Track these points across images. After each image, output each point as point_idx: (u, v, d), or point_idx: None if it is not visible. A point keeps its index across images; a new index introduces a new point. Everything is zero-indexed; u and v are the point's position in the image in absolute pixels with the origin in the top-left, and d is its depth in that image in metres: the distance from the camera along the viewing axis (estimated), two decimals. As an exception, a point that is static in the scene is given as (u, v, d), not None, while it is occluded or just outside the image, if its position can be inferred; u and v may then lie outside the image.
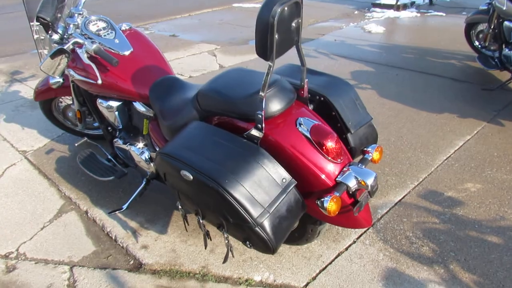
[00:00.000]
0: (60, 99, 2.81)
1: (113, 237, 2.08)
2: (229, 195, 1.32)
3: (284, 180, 1.41)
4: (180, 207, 1.69)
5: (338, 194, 1.42)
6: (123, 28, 2.20)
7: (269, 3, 1.28)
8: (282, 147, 1.49)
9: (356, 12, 7.32)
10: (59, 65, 1.84)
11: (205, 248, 1.83)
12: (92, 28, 2.04)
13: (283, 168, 1.42)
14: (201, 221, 1.57)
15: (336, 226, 2.04)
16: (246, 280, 1.78)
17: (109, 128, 2.33)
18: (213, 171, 1.36)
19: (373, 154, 1.59)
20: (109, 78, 2.02)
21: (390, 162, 2.64)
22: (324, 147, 1.46)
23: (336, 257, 1.90)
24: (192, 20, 7.19)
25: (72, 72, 2.12)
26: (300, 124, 1.51)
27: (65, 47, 1.85)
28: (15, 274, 1.87)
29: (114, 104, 2.12)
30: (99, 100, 2.16)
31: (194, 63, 4.75)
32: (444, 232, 2.02)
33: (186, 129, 1.59)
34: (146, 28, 6.62)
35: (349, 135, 1.69)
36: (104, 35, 2.04)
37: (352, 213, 1.52)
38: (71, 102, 2.76)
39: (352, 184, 1.45)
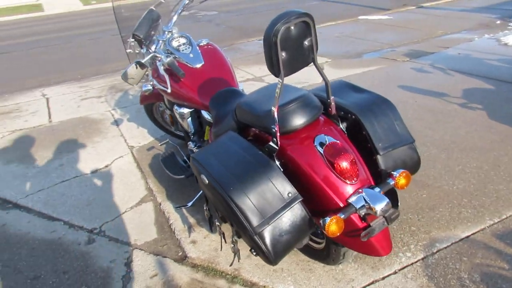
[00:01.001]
0: (160, 104, 3.23)
1: (173, 229, 2.32)
2: (232, 201, 1.40)
3: (289, 195, 1.43)
4: (205, 209, 1.83)
5: (342, 216, 1.38)
6: (202, 43, 2.45)
7: (273, 22, 1.34)
8: (296, 163, 1.51)
9: (498, 22, 6.51)
10: (136, 75, 2.16)
11: (221, 250, 1.94)
12: (174, 43, 2.34)
13: (289, 183, 1.44)
14: (217, 223, 1.68)
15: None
16: (271, 289, 1.83)
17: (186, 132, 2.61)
18: (222, 177, 1.46)
19: (397, 179, 1.48)
20: (179, 88, 2.27)
21: (472, 192, 2.34)
22: (336, 166, 1.44)
23: (368, 285, 1.80)
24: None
25: (154, 82, 2.45)
26: (318, 141, 1.51)
27: (143, 61, 2.16)
28: (92, 246, 2.25)
29: (185, 111, 2.38)
30: (174, 107, 2.45)
31: (300, 75, 4.84)
32: (509, 281, 1.74)
33: (220, 137, 1.72)
34: (268, 41, 6.97)
35: (378, 157, 1.60)
36: (182, 50, 2.31)
37: (370, 239, 1.46)
38: (166, 107, 3.15)
39: (360, 207, 1.40)
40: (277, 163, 1.55)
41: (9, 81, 6.01)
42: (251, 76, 5.03)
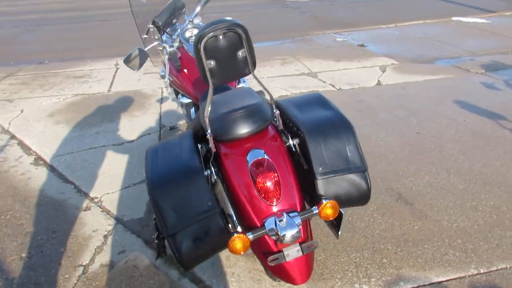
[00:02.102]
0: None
1: (158, 211, 2.44)
2: (153, 199, 1.44)
3: (208, 204, 1.42)
4: None
5: (250, 236, 1.34)
6: (214, 36, 2.47)
7: (201, 29, 1.31)
8: (226, 173, 1.49)
9: None
10: (136, 60, 2.27)
11: (155, 260, 1.97)
12: (187, 34, 2.40)
13: (210, 193, 1.42)
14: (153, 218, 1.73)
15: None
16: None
17: None
18: (153, 173, 1.50)
19: (321, 207, 1.38)
20: (180, 78, 2.34)
21: (472, 234, 2.09)
22: (257, 184, 1.39)
23: (305, 308, 1.73)
24: (393, 31, 6.86)
25: (163, 68, 2.55)
26: (252, 155, 1.47)
27: (144, 49, 2.26)
28: (85, 213, 2.46)
29: (185, 101, 2.44)
30: (179, 95, 2.53)
31: (356, 76, 4.63)
32: None
33: (176, 135, 1.75)
34: (343, 35, 6.73)
35: (316, 181, 1.50)
36: (190, 41, 2.37)
37: (284, 265, 1.40)
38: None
39: (270, 231, 1.34)
40: (213, 170, 1.54)
41: (98, 48, 6.62)
42: (306, 71, 4.93)
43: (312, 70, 4.95)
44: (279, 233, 1.31)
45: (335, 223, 1.65)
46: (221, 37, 1.31)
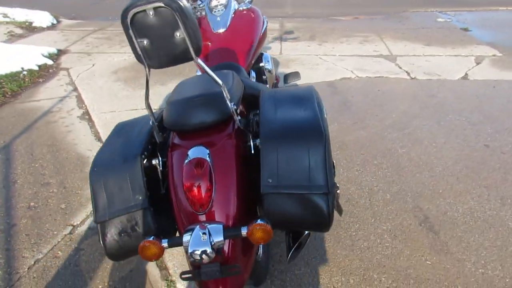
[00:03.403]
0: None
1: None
2: (90, 183, 1.35)
3: (138, 198, 1.29)
4: None
5: (165, 244, 1.18)
6: (241, 8, 2.24)
7: (128, 3, 1.12)
8: (168, 165, 1.33)
9: None
10: None
11: None
12: (213, 3, 2.23)
13: (143, 187, 1.28)
14: None
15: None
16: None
17: None
18: (99, 155, 1.40)
19: (251, 228, 1.15)
20: None
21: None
22: (184, 186, 1.21)
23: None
24: (509, 15, 5.77)
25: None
26: (193, 152, 1.28)
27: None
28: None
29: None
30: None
31: (442, 65, 4.00)
32: None
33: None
34: (448, 15, 5.88)
35: (262, 195, 1.25)
36: (214, 12, 2.19)
37: (206, 283, 1.23)
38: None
39: (186, 242, 1.16)
40: (160, 160, 1.39)
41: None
42: (386, 53, 4.40)
43: (392, 53, 4.40)
44: (188, 246, 1.13)
45: (290, 243, 1.41)
46: (151, 12, 1.11)
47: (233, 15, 2.18)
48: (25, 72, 3.97)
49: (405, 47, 4.58)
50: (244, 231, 1.16)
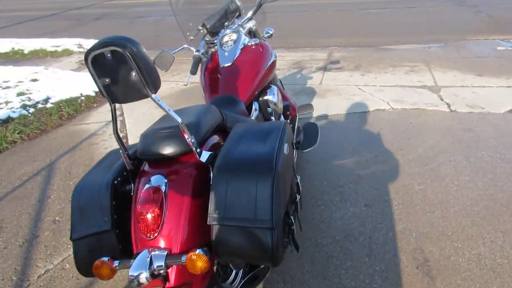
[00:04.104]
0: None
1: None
2: (71, 205, 1.49)
3: (105, 221, 1.40)
4: None
5: (115, 264, 1.28)
6: (250, 43, 2.35)
7: (89, 48, 1.25)
8: (134, 192, 1.44)
9: None
10: (162, 62, 2.32)
11: None
12: (225, 38, 2.37)
13: (110, 212, 1.39)
14: None
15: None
16: None
17: None
18: (83, 177, 1.55)
19: (189, 257, 1.20)
20: (202, 80, 2.30)
21: None
22: (136, 212, 1.31)
23: None
24: None
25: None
26: (155, 180, 1.38)
27: (170, 52, 2.30)
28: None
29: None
30: None
31: (489, 97, 3.76)
32: None
33: None
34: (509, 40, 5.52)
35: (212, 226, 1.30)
36: (224, 47, 2.33)
37: None
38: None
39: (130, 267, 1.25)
40: (132, 186, 1.50)
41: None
42: (430, 83, 4.24)
43: (437, 83, 4.22)
44: (131, 272, 1.21)
45: (245, 273, 1.43)
46: (109, 55, 1.24)
47: (241, 50, 2.29)
48: (82, 98, 4.42)
49: (453, 77, 4.37)
50: (183, 258, 1.22)
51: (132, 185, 1.50)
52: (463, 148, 2.89)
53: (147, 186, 1.35)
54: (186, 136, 1.36)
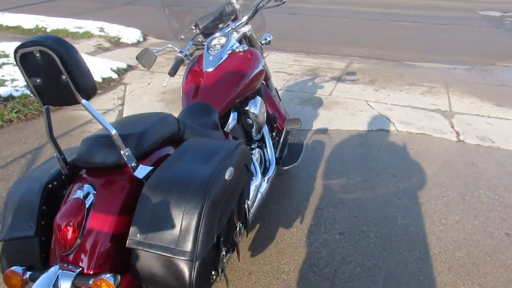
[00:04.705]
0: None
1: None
2: (4, 204, 1.43)
3: (31, 226, 1.32)
4: None
5: (26, 276, 1.20)
6: (238, 49, 2.23)
7: (18, 45, 1.17)
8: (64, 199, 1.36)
9: None
10: (145, 60, 2.24)
11: None
12: (213, 42, 2.27)
13: (37, 217, 1.31)
14: None
15: None
16: None
17: None
18: (16, 181, 1.47)
19: (95, 281, 1.11)
20: (184, 82, 2.21)
21: None
22: (54, 223, 1.22)
23: None
24: None
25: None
26: (85, 190, 1.29)
27: (152, 49, 2.21)
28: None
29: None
30: None
31: (504, 130, 3.52)
32: None
33: None
34: (538, 73, 5.18)
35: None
36: (211, 50, 2.23)
37: None
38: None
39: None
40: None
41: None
42: (445, 108, 4.02)
43: (452, 109, 4.00)
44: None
45: None
46: (38, 55, 1.15)
47: (227, 56, 2.18)
48: (88, 83, 4.40)
49: (470, 104, 4.13)
50: (91, 281, 1.13)
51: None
52: (461, 183, 2.69)
53: (72, 196, 1.26)
54: (121, 147, 1.26)
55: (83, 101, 1.19)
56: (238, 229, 1.41)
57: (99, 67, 4.75)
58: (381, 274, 1.95)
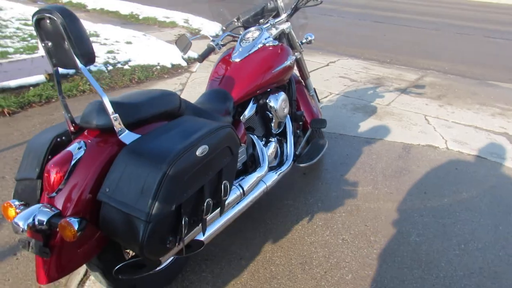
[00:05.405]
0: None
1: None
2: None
3: (35, 170, 1.51)
4: None
5: (19, 209, 1.39)
6: (270, 43, 2.29)
7: (38, 9, 1.35)
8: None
9: None
10: (182, 46, 2.39)
11: None
12: (247, 35, 2.37)
13: (41, 163, 1.50)
14: None
15: None
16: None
17: None
18: (37, 133, 1.69)
19: (59, 223, 1.25)
20: (212, 70, 2.33)
21: None
22: (45, 169, 1.39)
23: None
24: None
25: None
26: (77, 144, 1.45)
27: (189, 38, 2.35)
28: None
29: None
30: None
31: None
32: None
33: None
34: None
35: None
36: (243, 41, 2.33)
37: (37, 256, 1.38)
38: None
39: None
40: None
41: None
42: (476, 124, 3.67)
43: (477, 125, 3.65)
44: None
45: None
46: (48, 21, 1.32)
47: (257, 48, 2.25)
48: (158, 67, 4.76)
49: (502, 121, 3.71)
50: (58, 223, 1.29)
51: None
52: (500, 212, 2.46)
53: (66, 148, 1.43)
54: (109, 112, 1.41)
55: (81, 65, 1.34)
56: (206, 205, 1.48)
57: (171, 54, 5.10)
58: (372, 285, 1.88)
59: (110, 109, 1.40)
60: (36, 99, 3.53)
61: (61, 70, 1.66)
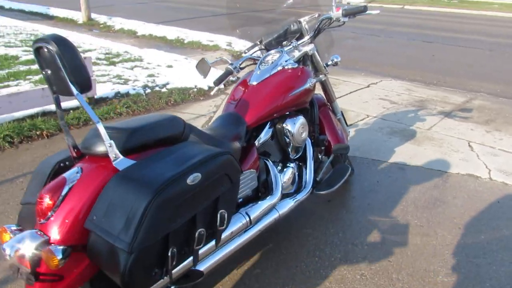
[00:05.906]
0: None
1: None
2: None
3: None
4: None
5: (12, 234, 1.41)
6: (287, 66, 2.24)
7: (37, 38, 1.38)
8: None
9: None
10: (202, 69, 2.39)
11: None
12: (267, 58, 2.35)
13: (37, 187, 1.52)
14: None
15: None
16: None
17: None
18: (46, 158, 1.74)
19: (44, 250, 1.24)
20: (230, 93, 2.31)
21: None
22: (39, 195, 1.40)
23: None
24: None
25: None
26: (74, 170, 1.46)
27: (208, 62, 2.35)
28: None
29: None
30: None
31: None
32: None
33: None
34: None
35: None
36: (261, 65, 2.31)
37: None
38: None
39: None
40: None
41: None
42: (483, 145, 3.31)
43: (486, 143, 3.30)
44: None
45: None
46: (46, 50, 1.35)
47: (276, 71, 2.21)
48: (195, 89, 4.85)
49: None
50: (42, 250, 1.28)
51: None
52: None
53: (62, 175, 1.44)
54: (104, 139, 1.41)
55: (76, 92, 1.36)
56: (197, 235, 1.42)
57: (209, 77, 5.16)
58: (387, 329, 1.72)
59: (105, 136, 1.40)
60: (75, 122, 3.69)
61: (100, 91, 1.71)
